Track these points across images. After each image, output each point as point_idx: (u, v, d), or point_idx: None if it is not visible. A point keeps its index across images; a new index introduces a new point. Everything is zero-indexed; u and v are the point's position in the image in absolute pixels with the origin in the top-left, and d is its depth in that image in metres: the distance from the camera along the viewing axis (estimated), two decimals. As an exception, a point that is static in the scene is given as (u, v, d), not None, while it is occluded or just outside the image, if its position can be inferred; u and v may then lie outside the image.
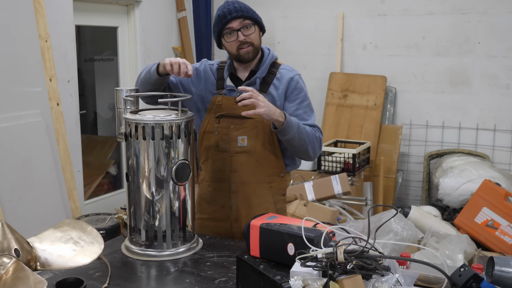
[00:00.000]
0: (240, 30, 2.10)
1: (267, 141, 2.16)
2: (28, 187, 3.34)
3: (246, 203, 2.18)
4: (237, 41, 2.10)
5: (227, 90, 2.20)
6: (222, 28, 2.11)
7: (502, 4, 4.28)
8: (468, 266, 1.45)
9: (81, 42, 5.32)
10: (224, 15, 2.10)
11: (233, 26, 2.10)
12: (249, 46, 2.12)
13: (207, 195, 2.24)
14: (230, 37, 2.12)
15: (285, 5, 5.12)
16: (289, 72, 2.21)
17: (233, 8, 2.10)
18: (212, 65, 2.28)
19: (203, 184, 2.27)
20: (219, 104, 2.18)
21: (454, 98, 4.55)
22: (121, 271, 1.77)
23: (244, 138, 2.14)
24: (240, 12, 2.10)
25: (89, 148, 4.83)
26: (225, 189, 2.19)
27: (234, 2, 2.14)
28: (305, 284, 1.33)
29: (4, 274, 1.33)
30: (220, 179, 2.20)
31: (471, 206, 3.85)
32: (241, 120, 2.12)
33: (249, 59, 2.15)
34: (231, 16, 2.08)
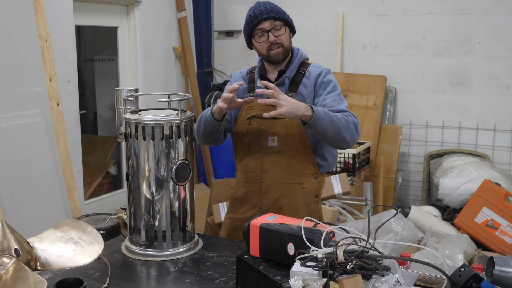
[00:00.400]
0: (270, 31, 2.11)
1: (297, 141, 2.16)
2: (28, 187, 3.34)
3: (276, 204, 2.20)
4: (267, 42, 2.12)
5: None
6: (253, 29, 2.13)
7: (502, 4, 4.28)
8: (468, 266, 1.45)
9: (81, 42, 5.33)
10: (255, 15, 2.11)
11: (264, 27, 2.11)
12: (279, 47, 2.13)
13: (239, 195, 2.28)
14: (261, 38, 2.14)
15: (285, 5, 5.05)
16: (317, 68, 2.22)
17: (264, 9, 2.11)
18: (242, 72, 2.33)
19: (238, 184, 2.31)
20: (250, 106, 2.19)
21: (454, 98, 4.55)
22: (121, 271, 1.77)
23: (274, 139, 2.15)
24: (271, 13, 2.10)
25: (89, 148, 4.83)
26: (257, 189, 2.22)
27: (266, 3, 2.15)
28: (305, 284, 1.33)
29: (4, 274, 1.33)
30: (252, 180, 2.23)
31: (471, 206, 3.85)
32: (272, 120, 2.14)
33: (279, 60, 2.17)
34: (262, 17, 2.10)
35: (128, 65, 4.62)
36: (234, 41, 5.43)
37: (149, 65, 4.68)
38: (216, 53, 5.52)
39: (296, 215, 2.13)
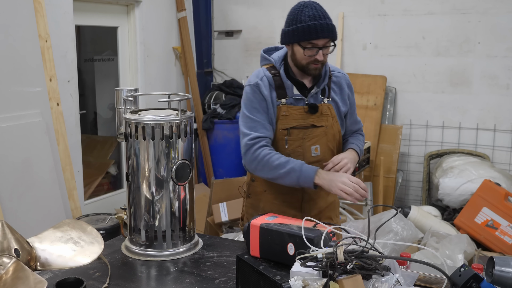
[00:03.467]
0: (322, 48, 2.03)
1: (335, 147, 2.17)
2: (28, 187, 3.34)
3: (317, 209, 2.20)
4: (313, 57, 2.03)
5: (293, 99, 2.12)
6: (306, 40, 2.02)
7: (502, 4, 4.28)
8: (468, 266, 1.45)
9: (81, 42, 5.33)
10: (315, 30, 1.99)
11: (318, 43, 2.02)
12: (319, 63, 2.07)
13: (272, 207, 2.16)
14: (309, 52, 2.03)
15: (285, 5, 5.10)
16: (344, 75, 2.24)
17: (325, 26, 2.01)
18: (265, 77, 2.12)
19: (265, 196, 2.20)
20: (285, 115, 2.10)
21: (454, 98, 4.55)
22: (121, 271, 1.77)
23: (317, 148, 2.12)
24: (331, 34, 2.02)
25: (89, 148, 4.83)
26: (297, 199, 2.17)
27: (326, 17, 2.04)
28: (305, 284, 1.33)
29: (4, 274, 1.33)
30: (292, 191, 2.14)
31: (471, 206, 3.85)
32: (311, 129, 2.11)
33: (315, 75, 2.10)
34: (322, 35, 2.00)
35: (128, 65, 4.62)
36: (234, 41, 5.43)
37: (149, 65, 4.68)
38: (216, 53, 5.52)
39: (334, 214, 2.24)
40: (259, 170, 2.07)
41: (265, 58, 2.21)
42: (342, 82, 2.22)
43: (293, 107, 2.11)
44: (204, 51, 5.39)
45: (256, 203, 2.24)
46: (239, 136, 2.17)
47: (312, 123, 2.12)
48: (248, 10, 5.29)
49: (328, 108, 2.15)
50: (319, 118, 2.13)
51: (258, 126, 2.08)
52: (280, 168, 2.01)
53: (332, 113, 2.16)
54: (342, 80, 2.22)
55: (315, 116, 2.11)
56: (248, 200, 2.29)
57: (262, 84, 2.10)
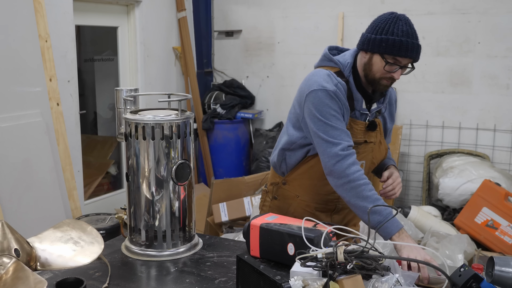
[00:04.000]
0: (402, 67, 1.91)
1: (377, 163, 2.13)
2: (28, 187, 3.34)
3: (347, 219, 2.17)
4: (389, 74, 1.90)
5: (359, 113, 2.00)
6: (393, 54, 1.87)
7: (502, 4, 4.28)
8: (468, 266, 1.45)
9: (81, 42, 5.33)
10: (406, 48, 1.85)
11: (402, 62, 1.89)
12: (391, 81, 1.95)
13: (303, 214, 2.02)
14: (389, 67, 1.89)
15: (285, 5, 5.12)
16: (393, 91, 2.18)
17: (416, 48, 1.88)
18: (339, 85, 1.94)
19: (296, 202, 2.12)
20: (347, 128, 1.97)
21: (454, 98, 4.55)
22: (121, 271, 1.77)
23: (363, 163, 2.04)
24: (417, 56, 1.90)
25: (89, 148, 4.83)
26: (329, 209, 2.12)
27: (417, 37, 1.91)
28: (305, 284, 1.33)
29: (4, 274, 1.33)
30: (327, 202, 2.09)
31: (471, 206, 3.85)
32: (363, 145, 2.02)
33: (382, 91, 1.98)
34: (411, 55, 1.87)
35: (128, 65, 4.62)
36: (234, 41, 5.43)
37: (149, 65, 4.68)
38: (216, 53, 5.52)
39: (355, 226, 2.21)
40: (342, 188, 1.90)
41: (330, 59, 2.02)
42: (392, 97, 2.15)
43: (356, 121, 1.99)
44: (204, 51, 5.39)
45: (284, 207, 2.15)
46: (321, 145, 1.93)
47: (366, 139, 2.03)
48: (248, 10, 5.29)
49: (379, 124, 2.07)
50: (370, 134, 2.04)
51: (343, 134, 1.91)
52: (367, 202, 1.86)
53: (381, 130, 2.09)
54: (392, 96, 2.15)
55: (371, 132, 2.03)
56: (275, 202, 2.19)
57: (339, 92, 1.93)
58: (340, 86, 1.93)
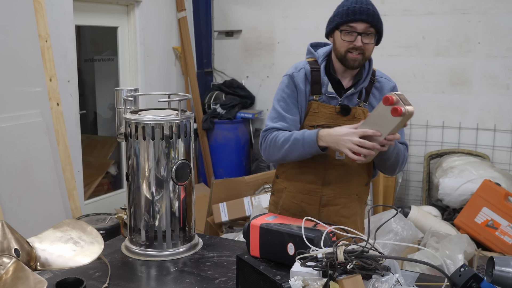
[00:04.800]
0: (361, 34, 1.93)
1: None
2: (28, 187, 3.34)
3: (337, 217, 2.09)
4: (351, 43, 1.94)
5: (326, 97, 2.04)
6: (345, 23, 1.94)
7: (502, 4, 4.28)
8: (468, 266, 1.45)
9: (81, 42, 5.33)
10: (354, 12, 1.92)
11: (357, 27, 1.92)
12: (359, 53, 1.96)
13: (291, 206, 2.12)
14: (347, 36, 1.94)
15: (285, 5, 5.11)
16: (389, 82, 2.13)
17: (366, 10, 1.92)
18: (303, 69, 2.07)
19: (285, 194, 2.15)
20: (315, 112, 2.03)
21: (454, 98, 4.55)
22: (121, 271, 1.77)
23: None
24: (371, 17, 1.92)
25: (89, 148, 4.83)
26: (315, 202, 2.09)
27: (369, 3, 1.95)
28: (305, 284, 1.33)
29: (4, 274, 1.33)
30: (310, 192, 2.09)
31: (471, 206, 3.85)
32: None
33: (353, 66, 1.99)
34: (361, 17, 1.91)
35: (128, 65, 4.62)
36: (234, 41, 5.43)
37: (149, 65, 4.68)
38: (216, 53, 5.52)
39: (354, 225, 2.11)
40: (271, 155, 2.02)
41: (310, 52, 2.15)
42: (384, 87, 2.11)
43: (325, 105, 2.03)
44: (204, 51, 5.39)
45: (278, 201, 2.18)
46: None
47: (339, 124, 1.99)
48: (248, 10, 5.29)
49: (363, 112, 2.04)
50: (350, 121, 2.01)
51: (279, 117, 2.03)
52: (286, 143, 1.96)
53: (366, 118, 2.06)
54: (385, 86, 2.11)
55: (346, 119, 2.02)
56: (272, 197, 2.24)
57: (298, 75, 2.05)
58: (304, 71, 2.05)
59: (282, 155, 2.00)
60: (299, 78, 2.05)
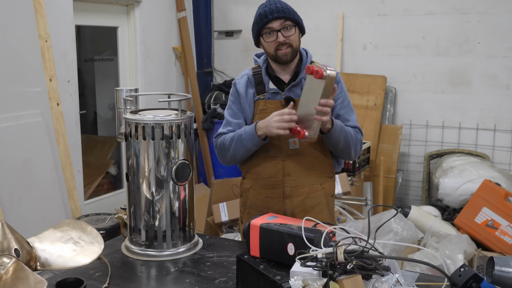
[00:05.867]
0: (280, 31, 2.06)
1: (317, 141, 2.12)
2: (28, 187, 3.34)
3: (301, 207, 2.15)
4: (276, 42, 2.07)
5: (270, 94, 2.15)
6: (262, 28, 2.08)
7: (502, 4, 4.28)
8: (468, 266, 1.45)
9: (81, 42, 5.33)
10: (265, 14, 2.06)
11: (274, 26, 2.06)
12: (288, 47, 2.08)
13: (257, 203, 2.19)
14: (269, 37, 2.08)
15: (285, 5, 5.11)
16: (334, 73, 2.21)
17: (275, 8, 2.05)
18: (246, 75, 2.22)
19: (251, 192, 2.21)
20: (263, 109, 2.14)
21: (454, 98, 4.55)
22: (121, 271, 1.77)
23: (295, 141, 2.10)
24: (282, 12, 2.05)
25: (89, 148, 4.83)
26: (279, 194, 2.15)
27: (276, 2, 2.09)
28: (305, 284, 1.33)
29: (4, 274, 1.33)
30: (273, 185, 2.15)
31: (471, 206, 3.85)
32: None
33: (286, 60, 2.11)
34: (272, 16, 2.04)
35: (128, 65, 4.62)
36: (234, 41, 5.43)
37: (149, 65, 4.68)
38: (216, 53, 5.52)
39: (320, 216, 2.14)
40: (223, 156, 2.21)
41: (255, 60, 2.29)
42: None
43: (270, 101, 2.14)
44: (204, 51, 5.39)
45: (245, 201, 2.25)
46: None
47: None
48: (248, 10, 5.29)
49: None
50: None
51: (226, 124, 2.21)
52: (232, 142, 2.12)
53: None
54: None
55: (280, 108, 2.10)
56: (241, 198, 2.31)
57: (239, 82, 2.21)
58: (246, 77, 2.21)
59: (231, 154, 2.16)
60: (240, 84, 2.20)
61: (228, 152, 2.16)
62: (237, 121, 2.19)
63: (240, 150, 2.12)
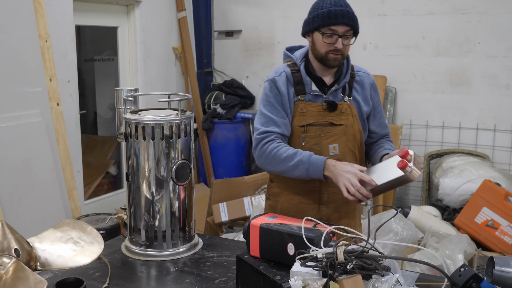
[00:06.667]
0: (341, 37, 1.99)
1: (356, 147, 2.11)
2: (28, 187, 3.34)
3: (336, 213, 2.12)
4: (332, 46, 2.00)
5: (311, 95, 2.08)
6: (325, 26, 1.99)
7: (502, 4, 4.28)
8: (468, 266, 1.45)
9: (81, 42, 5.33)
10: (335, 15, 1.97)
11: (338, 30, 1.98)
12: (339, 54, 2.02)
13: (290, 208, 2.13)
14: (328, 39, 1.99)
15: (285, 5, 5.11)
16: (368, 76, 2.21)
17: (346, 13, 1.98)
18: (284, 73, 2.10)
19: (282, 197, 2.16)
20: (302, 111, 2.07)
21: (454, 98, 4.55)
22: (121, 271, 1.77)
23: (335, 146, 2.07)
24: (351, 21, 1.99)
25: (89, 148, 4.83)
26: (315, 200, 2.11)
27: (347, 6, 2.01)
28: (305, 284, 1.33)
29: (4, 274, 1.33)
30: (309, 191, 2.10)
31: (471, 206, 3.85)
32: (330, 127, 2.07)
33: (334, 66, 2.06)
34: (342, 20, 1.97)
35: (128, 65, 4.62)
36: (234, 41, 5.43)
37: (149, 65, 4.68)
38: (216, 53, 5.52)
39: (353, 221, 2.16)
40: (268, 164, 2.05)
41: (287, 55, 2.18)
42: (365, 81, 2.18)
43: (311, 104, 2.07)
44: (204, 51, 5.39)
45: (274, 205, 2.19)
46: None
47: (331, 121, 2.07)
48: (248, 10, 5.29)
49: (349, 107, 2.10)
50: (338, 117, 2.08)
51: (269, 122, 2.06)
52: (288, 161, 1.98)
53: (353, 112, 2.11)
54: (365, 80, 2.18)
55: (334, 114, 2.07)
56: (268, 202, 2.24)
57: (279, 79, 2.08)
58: (284, 74, 2.09)
59: (280, 170, 2.04)
60: (280, 82, 2.08)
61: (277, 166, 2.03)
62: (282, 120, 2.06)
63: (294, 175, 2.01)
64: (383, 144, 2.19)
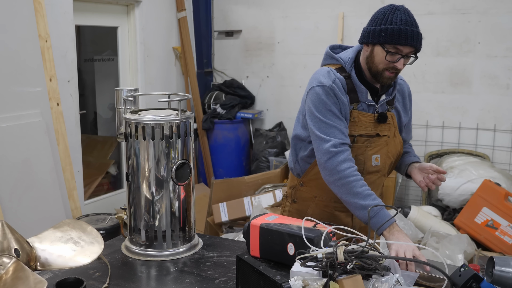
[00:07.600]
0: (404, 57, 1.89)
1: (395, 157, 2.09)
2: (28, 187, 3.34)
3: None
4: (392, 64, 1.89)
5: (365, 105, 2.01)
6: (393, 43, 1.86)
7: (502, 4, 4.28)
8: (468, 266, 1.45)
9: (81, 42, 5.33)
10: (405, 35, 1.84)
11: (404, 51, 1.87)
12: (394, 73, 1.92)
13: (322, 215, 2.08)
14: (391, 57, 1.88)
15: (285, 5, 5.12)
16: (405, 83, 2.17)
17: (416, 35, 1.86)
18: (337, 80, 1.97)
19: (314, 202, 2.13)
20: (354, 121, 1.99)
21: (454, 98, 4.55)
22: (121, 271, 1.77)
23: (378, 157, 2.03)
24: (419, 44, 1.88)
25: (89, 148, 4.83)
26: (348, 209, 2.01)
27: (417, 26, 1.88)
28: (305, 284, 1.33)
29: (4, 274, 1.33)
30: None
31: (471, 206, 3.85)
32: (375, 138, 2.01)
33: (385, 84, 1.96)
34: (411, 42, 1.85)
35: (128, 65, 4.62)
36: (234, 41, 5.43)
37: (149, 65, 4.68)
38: (216, 53, 5.52)
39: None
40: (334, 184, 1.93)
41: (332, 57, 2.06)
42: (404, 90, 2.14)
43: (364, 114, 2.00)
44: (204, 51, 5.39)
45: (303, 209, 2.15)
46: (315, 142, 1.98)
47: (377, 132, 2.02)
48: (248, 10, 5.29)
49: (392, 117, 2.06)
50: (382, 127, 2.03)
51: (336, 131, 1.92)
52: (358, 198, 1.87)
53: (395, 123, 2.07)
54: (404, 88, 2.14)
55: (381, 126, 2.03)
56: (294, 205, 2.20)
57: (336, 87, 1.95)
58: (338, 81, 1.96)
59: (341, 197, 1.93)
60: (338, 89, 1.96)
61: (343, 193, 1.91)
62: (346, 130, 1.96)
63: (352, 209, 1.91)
64: (409, 151, 2.19)
